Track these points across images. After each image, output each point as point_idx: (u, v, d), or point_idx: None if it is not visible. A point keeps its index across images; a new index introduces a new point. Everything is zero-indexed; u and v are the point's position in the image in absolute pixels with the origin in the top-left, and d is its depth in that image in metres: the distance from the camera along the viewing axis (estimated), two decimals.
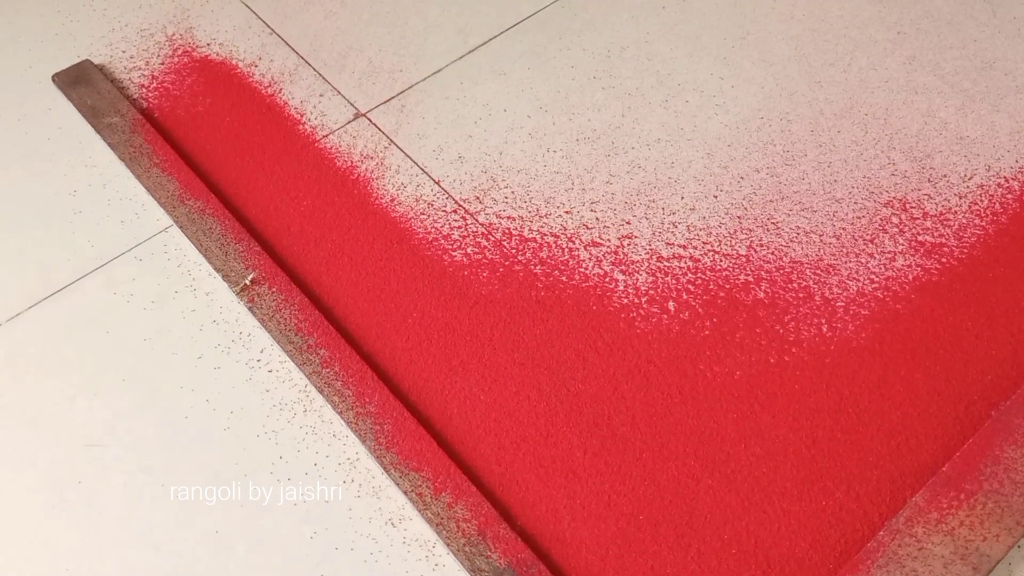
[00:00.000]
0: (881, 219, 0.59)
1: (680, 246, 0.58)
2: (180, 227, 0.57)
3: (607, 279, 0.56)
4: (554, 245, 0.58)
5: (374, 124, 0.64)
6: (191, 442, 0.50)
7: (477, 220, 0.59)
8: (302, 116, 0.64)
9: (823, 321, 0.54)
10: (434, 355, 0.53)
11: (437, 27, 0.70)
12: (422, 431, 0.49)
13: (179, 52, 0.68)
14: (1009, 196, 0.60)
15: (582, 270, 0.56)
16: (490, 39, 0.69)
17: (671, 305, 0.55)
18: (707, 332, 0.54)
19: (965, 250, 0.57)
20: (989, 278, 0.56)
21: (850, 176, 0.61)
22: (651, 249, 0.57)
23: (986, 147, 0.62)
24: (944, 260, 0.57)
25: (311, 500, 0.48)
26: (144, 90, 0.65)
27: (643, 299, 0.55)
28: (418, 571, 0.46)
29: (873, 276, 0.56)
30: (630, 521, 0.47)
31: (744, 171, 0.61)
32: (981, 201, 0.60)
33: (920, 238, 0.58)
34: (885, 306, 0.55)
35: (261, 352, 0.53)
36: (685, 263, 0.57)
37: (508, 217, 0.59)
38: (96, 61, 0.67)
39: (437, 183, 0.60)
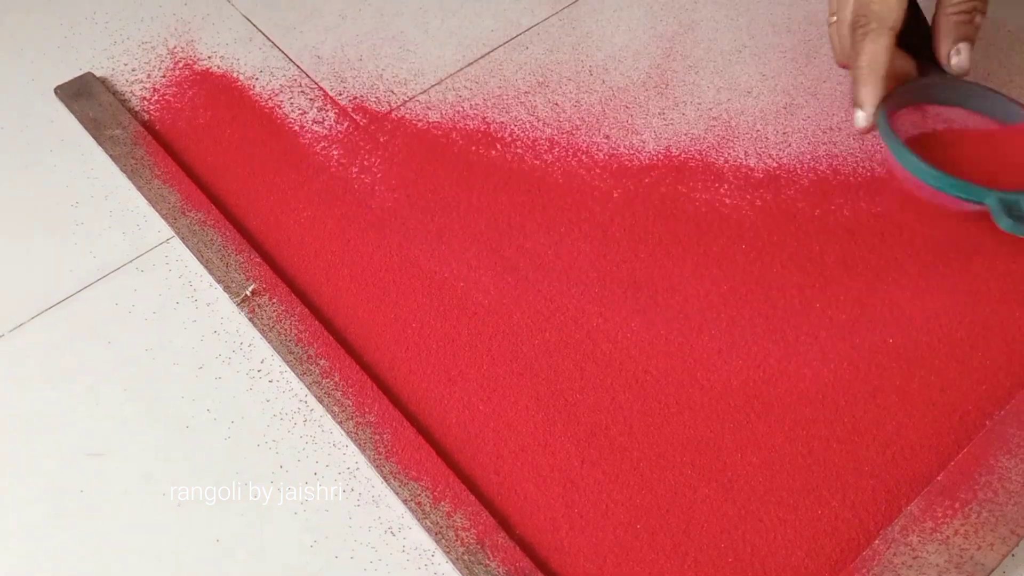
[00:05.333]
0: None
1: None
2: (181, 238, 0.57)
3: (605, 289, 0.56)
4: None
5: (374, 136, 0.64)
6: (192, 451, 0.50)
7: None
8: (302, 128, 0.65)
9: (820, 331, 0.55)
10: (433, 365, 0.53)
11: (437, 40, 0.71)
12: (421, 441, 0.49)
13: (180, 65, 0.68)
14: None
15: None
16: (490, 51, 0.70)
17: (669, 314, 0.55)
18: (705, 341, 0.54)
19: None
20: (984, 288, 0.56)
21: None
22: None
23: None
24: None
25: (311, 509, 0.48)
26: (146, 103, 0.66)
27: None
28: None
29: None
30: (628, 530, 0.47)
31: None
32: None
33: None
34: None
35: (262, 362, 0.53)
36: None
37: None
38: (98, 74, 0.67)
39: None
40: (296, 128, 0.65)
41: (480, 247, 0.58)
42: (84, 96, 0.65)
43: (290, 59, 0.69)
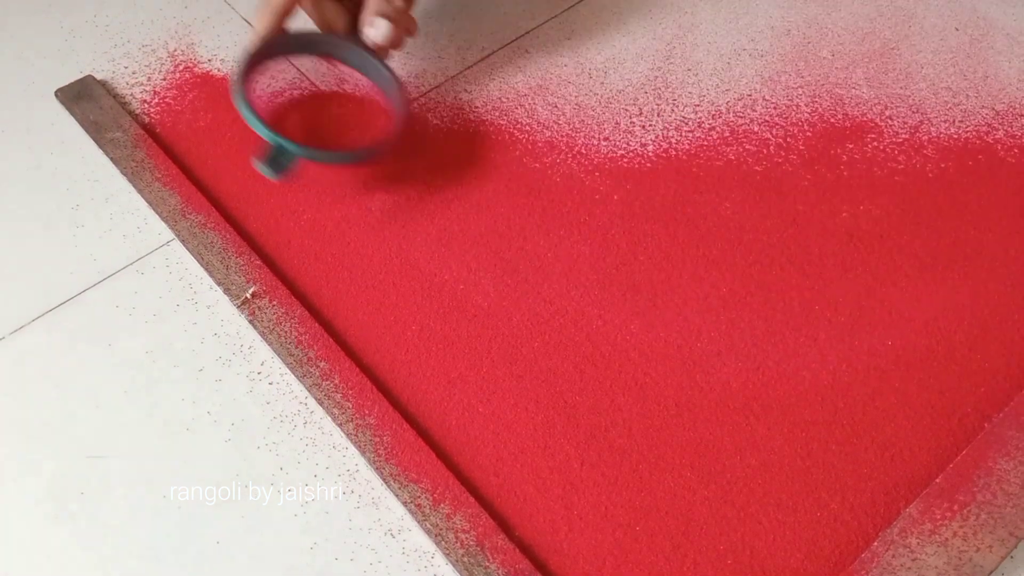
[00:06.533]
0: None
1: None
2: (182, 241, 0.58)
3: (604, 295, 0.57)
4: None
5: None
6: (193, 453, 0.50)
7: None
8: None
9: (819, 333, 0.55)
10: (433, 367, 0.53)
11: (437, 43, 0.71)
12: (421, 443, 0.49)
13: (181, 68, 0.69)
14: None
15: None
16: (490, 54, 0.70)
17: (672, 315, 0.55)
18: (704, 344, 0.54)
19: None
20: (982, 291, 0.56)
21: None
22: None
23: None
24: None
25: (311, 511, 0.48)
26: (146, 105, 0.66)
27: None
28: None
29: None
30: (627, 532, 0.47)
31: None
32: None
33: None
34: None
35: (262, 365, 0.53)
36: None
37: None
38: (99, 77, 0.67)
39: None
40: None
41: (480, 249, 0.58)
42: (85, 99, 0.65)
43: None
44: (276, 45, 0.60)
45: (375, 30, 0.58)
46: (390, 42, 0.59)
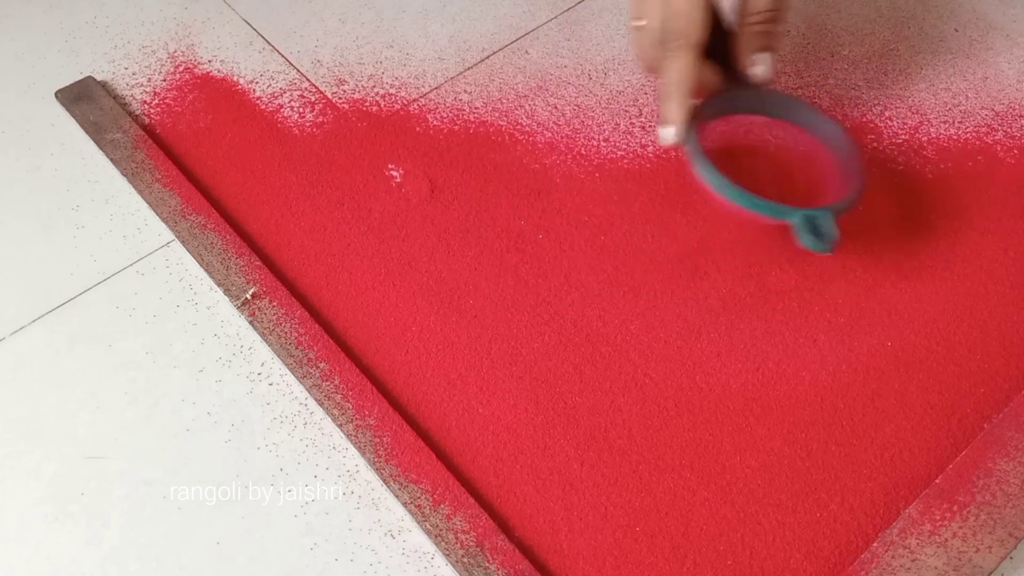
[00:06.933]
0: None
1: None
2: (182, 242, 0.58)
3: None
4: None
5: (374, 140, 0.64)
6: (193, 454, 0.50)
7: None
8: (302, 132, 0.65)
9: (818, 334, 0.55)
10: (433, 368, 0.53)
11: (437, 43, 0.71)
12: (421, 443, 0.49)
13: (181, 69, 0.69)
14: None
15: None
16: (490, 55, 0.70)
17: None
18: (703, 344, 0.54)
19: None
20: (981, 291, 0.56)
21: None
22: None
23: None
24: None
25: (311, 512, 0.48)
26: (146, 106, 0.66)
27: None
28: None
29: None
30: (627, 533, 0.47)
31: None
32: None
33: None
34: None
35: (262, 365, 0.54)
36: None
37: None
38: (99, 78, 0.67)
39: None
40: (296, 132, 0.65)
41: (480, 250, 0.58)
42: (85, 100, 0.65)
43: (290, 63, 0.69)
44: (698, 120, 0.56)
45: (763, 67, 0.54)
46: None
